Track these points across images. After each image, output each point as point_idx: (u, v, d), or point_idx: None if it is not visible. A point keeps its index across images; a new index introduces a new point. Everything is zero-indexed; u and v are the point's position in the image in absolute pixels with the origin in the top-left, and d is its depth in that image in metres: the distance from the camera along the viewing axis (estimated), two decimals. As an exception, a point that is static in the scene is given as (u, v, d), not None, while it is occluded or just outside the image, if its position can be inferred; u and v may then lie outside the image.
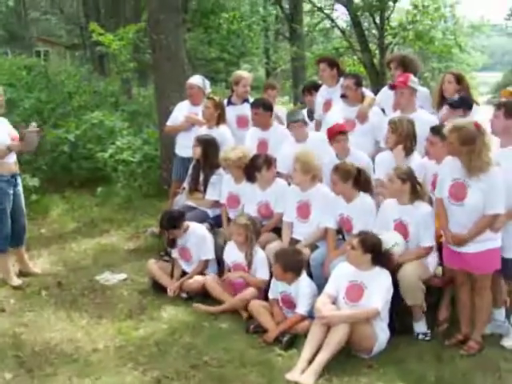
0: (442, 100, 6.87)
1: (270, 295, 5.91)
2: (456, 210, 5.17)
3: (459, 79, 6.86)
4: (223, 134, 7.40)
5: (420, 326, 5.60)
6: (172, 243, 6.67)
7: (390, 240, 5.54)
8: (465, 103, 6.34)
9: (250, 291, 6.02)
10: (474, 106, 6.49)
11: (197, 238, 6.58)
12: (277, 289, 5.82)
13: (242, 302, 5.99)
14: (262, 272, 6.15)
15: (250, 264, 6.20)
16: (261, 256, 6.19)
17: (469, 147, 4.96)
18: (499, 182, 5.01)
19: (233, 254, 6.36)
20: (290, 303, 5.72)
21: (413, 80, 6.56)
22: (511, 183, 5.10)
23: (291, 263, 5.65)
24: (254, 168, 6.72)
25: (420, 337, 5.56)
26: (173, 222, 6.54)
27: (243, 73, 8.30)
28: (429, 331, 5.60)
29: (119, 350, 5.30)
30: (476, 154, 4.95)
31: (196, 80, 8.07)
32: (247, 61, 23.43)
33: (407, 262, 5.49)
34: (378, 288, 5.22)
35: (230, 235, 6.48)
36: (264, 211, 6.73)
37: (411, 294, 5.41)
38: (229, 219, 6.95)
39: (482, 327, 5.43)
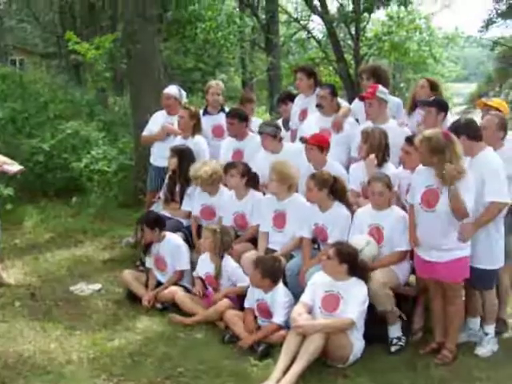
0: (414, 105, 6.92)
1: (246, 304, 5.89)
2: (427, 217, 5.21)
3: (433, 86, 6.90)
4: (199, 143, 7.39)
5: (394, 331, 5.60)
6: (146, 249, 6.65)
7: (361, 241, 5.59)
8: (437, 103, 6.33)
9: (225, 302, 5.99)
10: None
11: (172, 247, 6.55)
12: (253, 297, 5.81)
13: (216, 313, 5.96)
14: (240, 280, 6.13)
15: (217, 276, 6.18)
16: (232, 266, 6.18)
17: (439, 156, 5.02)
18: (471, 188, 5.07)
19: (205, 265, 6.32)
20: (266, 312, 5.70)
21: (381, 91, 6.58)
22: (478, 189, 5.17)
23: (270, 270, 5.64)
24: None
25: (394, 342, 5.56)
26: (152, 221, 6.56)
27: (212, 82, 8.34)
28: (403, 337, 5.61)
29: (93, 362, 5.24)
30: (447, 162, 5.00)
31: (172, 90, 8.06)
32: (223, 71, 23.39)
33: (381, 266, 5.55)
34: (354, 298, 5.23)
35: (200, 247, 6.47)
36: (240, 221, 6.74)
37: (379, 300, 5.42)
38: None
39: (455, 336, 5.46)
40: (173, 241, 6.61)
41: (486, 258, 5.38)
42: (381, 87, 6.62)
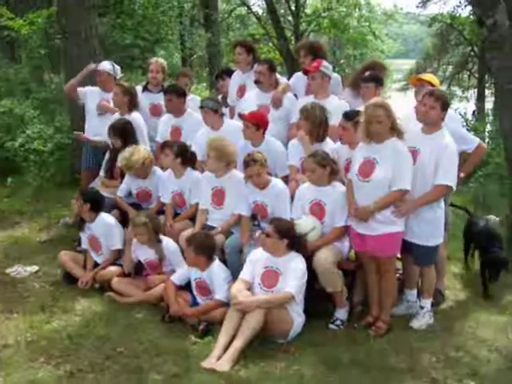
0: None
1: (173, 278, 5.85)
2: (363, 187, 5.30)
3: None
4: (135, 120, 7.22)
5: (342, 313, 5.68)
6: (80, 225, 6.59)
7: (308, 225, 5.60)
8: (374, 78, 6.54)
9: (162, 287, 5.94)
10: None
11: (104, 227, 6.48)
12: (191, 276, 5.79)
13: (155, 297, 5.96)
14: (178, 264, 6.08)
15: (161, 259, 6.13)
16: (173, 249, 6.14)
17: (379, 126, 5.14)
18: (406, 159, 5.17)
19: (143, 251, 6.24)
20: (206, 290, 5.69)
21: (325, 66, 6.61)
22: (430, 168, 5.25)
23: (202, 246, 5.60)
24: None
25: (337, 322, 5.63)
26: (88, 196, 6.49)
27: (153, 59, 8.18)
28: (346, 322, 5.68)
29: (31, 345, 5.15)
30: (386, 130, 5.14)
31: (105, 66, 7.88)
32: (163, 47, 23.05)
33: (323, 246, 5.56)
34: (292, 273, 5.26)
35: (131, 236, 6.35)
36: (178, 200, 6.69)
37: (328, 280, 5.47)
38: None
39: (389, 308, 5.58)
40: (104, 220, 6.51)
41: (432, 236, 5.48)
42: (325, 62, 6.66)
